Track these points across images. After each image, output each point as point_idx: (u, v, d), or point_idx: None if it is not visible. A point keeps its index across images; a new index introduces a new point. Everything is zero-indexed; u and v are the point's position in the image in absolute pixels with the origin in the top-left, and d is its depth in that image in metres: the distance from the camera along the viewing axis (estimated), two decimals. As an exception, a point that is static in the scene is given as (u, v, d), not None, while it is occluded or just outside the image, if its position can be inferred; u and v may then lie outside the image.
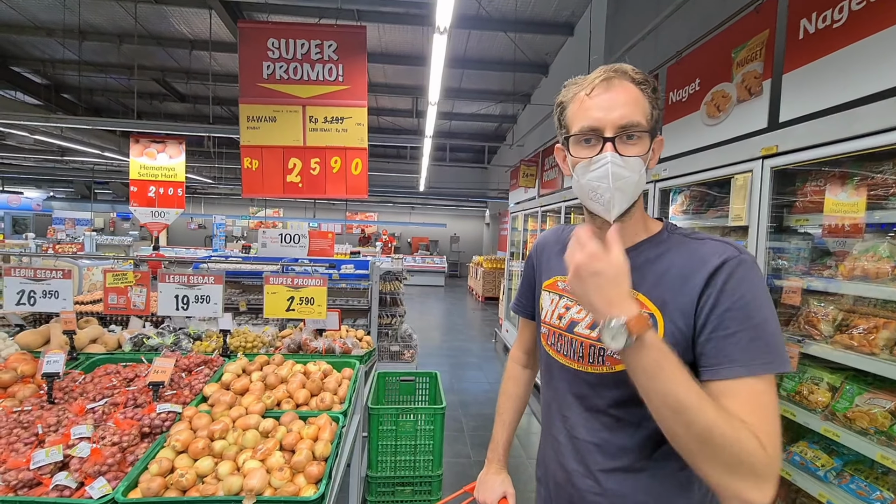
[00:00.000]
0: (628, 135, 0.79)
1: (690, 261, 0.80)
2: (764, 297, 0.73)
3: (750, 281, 0.74)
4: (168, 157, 5.42)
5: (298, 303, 2.28)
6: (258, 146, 3.20)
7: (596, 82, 0.81)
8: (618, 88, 0.80)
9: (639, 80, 0.82)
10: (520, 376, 1.24)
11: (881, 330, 1.57)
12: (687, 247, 0.83)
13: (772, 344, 0.71)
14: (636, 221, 0.88)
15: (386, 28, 6.14)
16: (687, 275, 0.79)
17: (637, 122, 0.79)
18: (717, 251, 0.78)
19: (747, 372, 0.69)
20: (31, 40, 6.83)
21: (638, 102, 0.80)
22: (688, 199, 2.57)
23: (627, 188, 0.79)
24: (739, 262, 0.75)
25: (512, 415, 1.21)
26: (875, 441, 1.50)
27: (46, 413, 1.64)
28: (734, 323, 0.72)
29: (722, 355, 0.72)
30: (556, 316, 0.98)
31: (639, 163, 0.80)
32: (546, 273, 1.06)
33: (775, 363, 0.70)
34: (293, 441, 1.54)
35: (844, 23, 1.57)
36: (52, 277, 2.21)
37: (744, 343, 0.71)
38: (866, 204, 1.59)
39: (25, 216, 14.41)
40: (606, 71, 0.82)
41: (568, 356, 0.94)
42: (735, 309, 0.73)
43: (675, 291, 0.79)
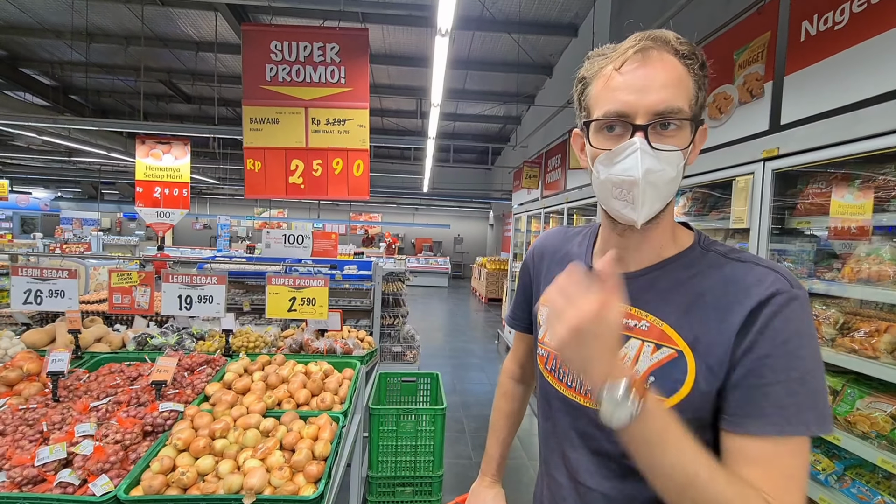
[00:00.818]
0: (664, 123, 0.64)
1: (731, 288, 0.66)
2: (812, 345, 0.61)
3: (798, 323, 0.61)
4: (173, 157, 5.47)
5: (300, 303, 2.29)
6: (261, 147, 3.23)
7: (629, 53, 0.64)
8: (656, 63, 0.64)
9: (684, 53, 0.65)
10: (513, 392, 1.12)
11: (883, 333, 1.56)
12: (726, 269, 0.68)
13: (812, 402, 0.59)
14: (664, 230, 0.72)
15: (390, 29, 6.17)
16: (725, 306, 0.65)
17: (677, 109, 0.63)
18: (764, 280, 0.64)
19: (778, 431, 0.59)
20: (39, 42, 6.92)
21: (681, 82, 0.64)
22: (690, 200, 2.56)
23: (660, 184, 0.65)
24: (790, 298, 0.62)
25: (507, 431, 1.11)
26: (876, 445, 1.49)
27: (51, 411, 1.67)
28: (772, 372, 0.60)
29: (751, 406, 0.61)
30: None
31: (676, 156, 0.65)
32: (545, 284, 0.89)
33: (813, 425, 0.58)
34: (293, 440, 1.56)
35: (846, 25, 1.57)
36: (58, 277, 2.23)
37: (779, 397, 0.59)
38: (869, 206, 1.58)
39: (34, 216, 14.56)
40: (643, 39, 0.65)
41: (573, 387, 0.79)
42: (776, 356, 0.60)
43: (709, 326, 0.65)
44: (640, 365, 0.70)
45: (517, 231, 6.83)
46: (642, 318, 0.71)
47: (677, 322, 0.68)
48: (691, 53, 0.65)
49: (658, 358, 0.68)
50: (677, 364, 0.67)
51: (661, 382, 0.67)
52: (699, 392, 0.65)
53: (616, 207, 0.68)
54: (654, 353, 0.69)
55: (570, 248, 0.89)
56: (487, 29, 5.77)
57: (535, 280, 0.95)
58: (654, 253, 0.73)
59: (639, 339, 0.71)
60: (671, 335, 0.68)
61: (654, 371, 0.68)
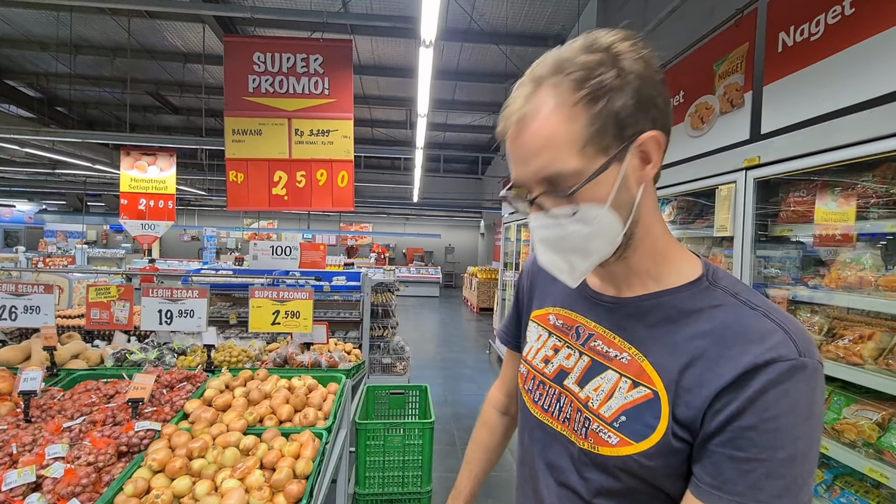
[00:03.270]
0: (556, 188, 0.58)
1: (728, 337, 0.57)
2: (809, 425, 0.53)
3: (796, 398, 0.53)
4: (159, 169, 5.41)
5: (284, 316, 2.26)
6: (243, 159, 3.20)
7: (511, 119, 0.59)
8: (531, 123, 0.57)
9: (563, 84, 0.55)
10: (496, 425, 1.02)
11: (867, 341, 1.57)
12: (730, 313, 0.59)
13: (791, 487, 0.52)
14: (643, 255, 0.65)
15: (378, 41, 6.20)
16: (717, 356, 0.57)
17: (558, 173, 0.56)
18: (767, 339, 0.55)
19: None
20: (24, 54, 6.85)
21: (558, 135, 0.55)
22: (675, 209, 2.58)
23: (577, 243, 0.60)
24: (794, 368, 0.53)
25: (481, 466, 1.01)
26: (863, 454, 1.49)
27: (22, 432, 1.60)
28: (753, 447, 0.53)
29: (722, 479, 0.54)
30: (542, 358, 0.77)
31: (586, 213, 0.58)
32: (538, 300, 0.84)
33: None
34: (274, 459, 1.51)
35: (821, 36, 1.60)
36: (33, 293, 2.17)
37: (755, 476, 0.53)
38: (850, 214, 1.60)
39: (17, 229, 14.32)
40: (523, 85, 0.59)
41: (550, 411, 0.72)
42: (761, 430, 0.53)
43: (694, 373, 0.58)
44: (613, 401, 0.64)
45: (507, 240, 6.83)
46: (624, 349, 0.65)
47: (659, 361, 0.61)
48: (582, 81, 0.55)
49: (633, 397, 0.62)
50: (651, 406, 0.60)
51: (631, 424, 0.62)
52: (669, 442, 0.58)
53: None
54: (630, 390, 0.63)
55: None
56: (475, 41, 5.83)
57: (527, 294, 0.89)
58: (647, 278, 0.66)
59: (617, 371, 0.65)
60: (650, 374, 0.61)
61: (626, 410, 0.62)
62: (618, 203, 0.59)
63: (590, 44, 0.57)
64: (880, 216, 1.51)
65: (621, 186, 0.58)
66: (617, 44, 0.56)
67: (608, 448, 0.63)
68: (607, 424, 0.63)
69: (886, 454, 1.41)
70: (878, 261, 1.58)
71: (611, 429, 0.63)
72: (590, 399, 0.66)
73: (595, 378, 0.67)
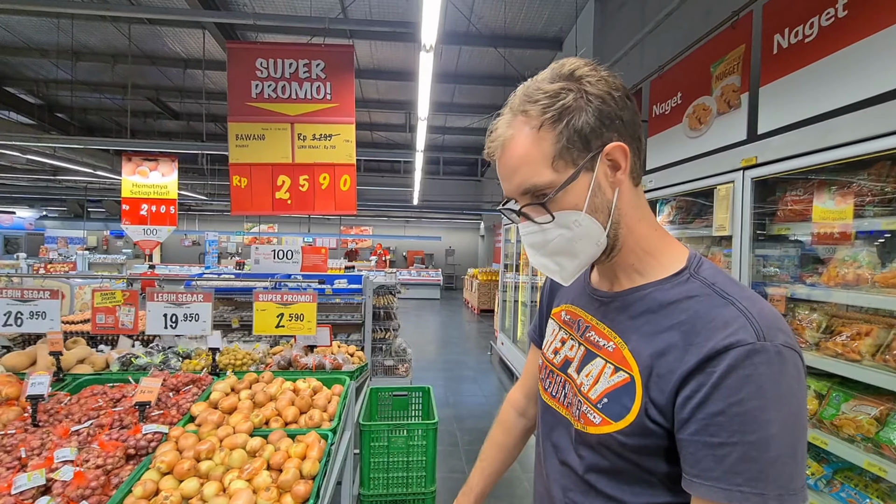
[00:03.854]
0: (536, 198, 0.66)
1: (698, 325, 0.61)
2: (780, 408, 0.55)
3: (760, 381, 0.55)
4: (160, 174, 5.44)
5: (288, 319, 2.27)
6: (247, 164, 3.23)
7: (495, 144, 0.69)
8: (510, 145, 0.67)
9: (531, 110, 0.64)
10: (512, 425, 1.05)
11: (864, 337, 1.59)
12: (703, 302, 0.63)
13: (768, 471, 0.54)
14: (627, 254, 0.71)
15: (378, 45, 6.24)
16: (687, 344, 0.61)
17: (534, 185, 0.65)
18: (730, 325, 0.58)
19: (726, 497, 0.55)
20: (24, 61, 6.88)
21: (531, 154, 0.65)
22: (674, 209, 2.60)
23: (561, 246, 0.68)
24: (751, 352, 0.55)
25: (495, 465, 1.04)
26: (862, 448, 1.50)
27: (30, 436, 1.62)
28: (723, 432, 0.55)
29: (701, 467, 0.57)
30: (553, 350, 0.85)
31: (565, 218, 0.66)
32: (557, 300, 0.92)
33: (769, 496, 0.53)
34: (281, 460, 1.53)
35: (815, 38, 1.62)
36: (39, 298, 2.19)
37: (730, 461, 0.55)
38: (847, 212, 1.62)
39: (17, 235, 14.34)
40: (503, 115, 0.69)
41: (556, 397, 0.80)
42: (729, 415, 0.55)
43: (666, 360, 0.62)
44: (599, 385, 0.70)
45: (507, 242, 6.85)
46: (611, 338, 0.72)
47: (636, 348, 0.67)
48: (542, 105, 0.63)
49: (614, 380, 0.68)
50: (627, 389, 0.66)
51: (611, 406, 0.68)
52: (643, 422, 0.63)
53: None
54: (612, 375, 0.69)
55: None
56: (474, 44, 5.86)
57: (547, 297, 0.98)
58: (633, 273, 0.72)
59: (604, 359, 0.72)
60: (629, 360, 0.67)
61: (609, 393, 0.68)
62: (594, 207, 0.66)
63: (556, 72, 0.66)
64: (876, 214, 1.53)
65: (595, 192, 0.66)
66: (579, 69, 0.65)
67: (594, 427, 0.69)
68: (593, 406, 0.70)
69: (885, 448, 1.42)
70: (875, 258, 1.60)
71: (595, 410, 0.70)
72: (583, 384, 0.74)
73: (587, 365, 0.74)
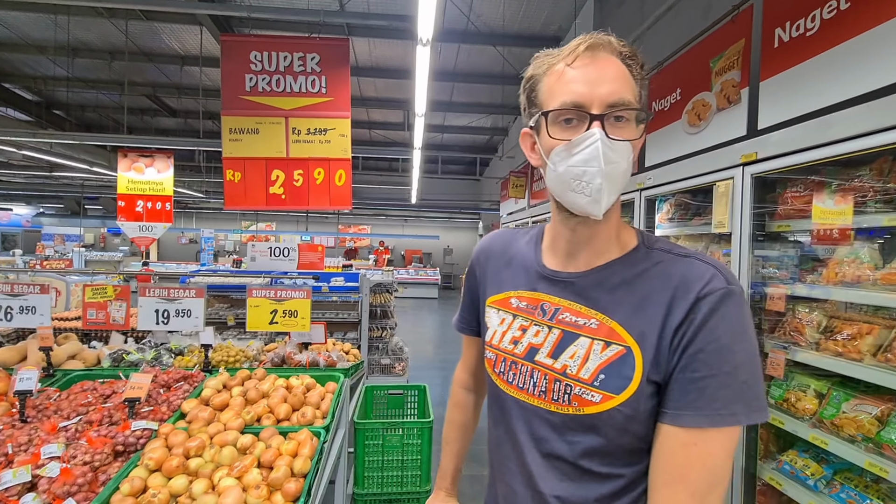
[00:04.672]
0: (617, 115, 0.67)
1: (672, 284, 0.69)
2: (743, 340, 0.65)
3: (731, 319, 0.65)
4: (156, 171, 5.41)
5: (282, 315, 2.25)
6: (241, 158, 3.20)
7: (580, 49, 0.68)
8: (604, 60, 0.68)
9: (626, 55, 0.70)
10: (465, 402, 1.12)
11: (865, 336, 1.57)
12: (670, 266, 0.71)
13: (742, 393, 0.63)
14: (611, 228, 0.75)
15: (376, 42, 6.21)
16: (668, 301, 0.68)
17: (628, 101, 0.67)
18: (702, 276, 0.67)
19: (709, 422, 0.63)
20: (22, 58, 6.85)
21: (627, 79, 0.68)
22: (673, 206, 2.58)
23: (617, 177, 0.67)
24: (725, 294, 0.65)
25: (460, 443, 1.11)
26: (862, 448, 1.48)
27: (17, 432, 1.59)
28: (704, 367, 0.64)
29: (686, 400, 0.65)
30: (510, 340, 0.82)
31: (628, 149, 0.68)
32: (494, 286, 0.90)
33: (742, 415, 0.63)
34: (272, 457, 1.50)
35: (817, 31, 1.60)
36: (29, 293, 2.16)
37: (710, 391, 0.63)
38: (847, 210, 1.60)
39: (14, 232, 14.28)
40: (588, 38, 0.69)
41: (525, 388, 0.78)
42: (707, 351, 0.64)
43: (655, 322, 0.68)
44: (590, 363, 0.71)
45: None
46: (592, 316, 0.73)
47: (626, 320, 0.70)
48: (633, 55, 0.70)
49: (608, 355, 0.70)
50: (626, 360, 0.69)
51: (610, 380, 0.69)
52: (646, 387, 0.68)
53: (574, 200, 0.69)
54: (603, 350, 0.71)
55: (518, 248, 0.90)
56: (472, 42, 5.84)
57: (480, 282, 0.95)
58: (602, 250, 0.75)
59: (588, 337, 0.73)
60: (620, 332, 0.70)
61: (604, 369, 0.70)
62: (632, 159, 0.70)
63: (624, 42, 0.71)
64: (877, 211, 1.51)
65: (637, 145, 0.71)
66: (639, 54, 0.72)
67: (593, 406, 0.70)
68: (589, 385, 0.71)
69: (886, 448, 1.40)
70: (876, 256, 1.57)
71: (592, 388, 0.70)
72: (567, 367, 0.73)
73: (569, 347, 0.74)
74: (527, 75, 0.76)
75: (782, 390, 1.82)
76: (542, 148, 0.73)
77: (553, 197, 0.76)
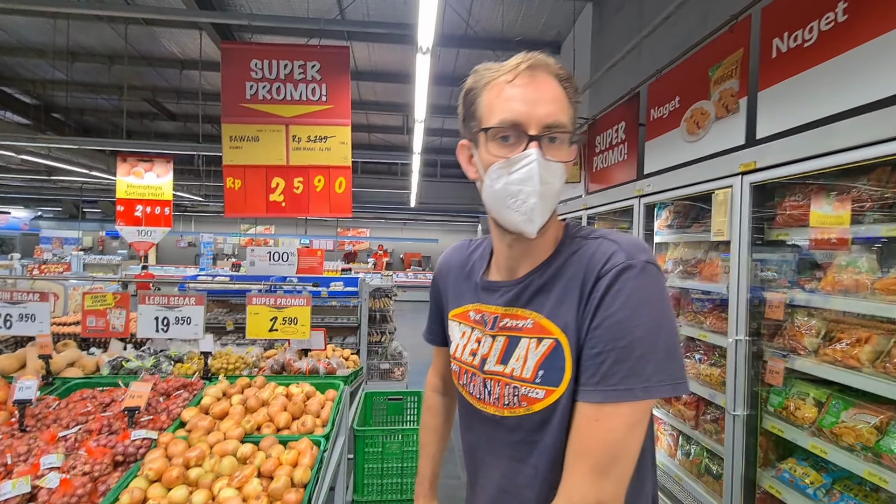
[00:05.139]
0: (552, 137, 0.69)
1: (583, 268, 0.71)
2: (641, 314, 0.64)
3: (629, 293, 0.65)
4: (155, 175, 5.40)
5: (282, 322, 2.25)
6: (241, 166, 3.20)
7: (521, 68, 0.69)
8: (543, 81, 0.70)
9: (563, 77, 0.71)
10: (439, 407, 1.12)
11: (864, 344, 1.57)
12: (583, 251, 0.73)
13: (636, 368, 0.63)
14: (548, 239, 0.77)
15: (375, 47, 6.23)
16: (580, 286, 0.70)
17: (563, 123, 0.69)
18: (604, 255, 0.69)
19: (602, 398, 0.64)
20: (21, 61, 6.84)
21: (563, 101, 0.71)
22: (672, 213, 2.58)
23: (550, 197, 0.70)
24: (622, 269, 0.66)
25: (436, 447, 1.11)
26: (861, 457, 1.49)
27: (16, 442, 1.59)
28: (600, 343, 0.65)
29: (585, 377, 0.67)
30: (469, 352, 0.85)
31: (562, 170, 0.70)
32: (454, 300, 0.92)
33: (636, 389, 0.62)
34: (272, 467, 1.50)
35: (815, 42, 1.61)
36: (29, 300, 2.16)
37: (606, 367, 0.64)
38: (846, 218, 1.60)
39: (12, 236, 14.23)
40: (529, 58, 0.70)
41: (482, 399, 0.81)
42: (603, 327, 0.65)
43: (572, 308, 0.70)
44: (529, 362, 0.73)
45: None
46: (527, 316, 0.76)
47: (551, 312, 0.72)
48: (568, 77, 0.72)
49: (542, 351, 0.72)
50: (557, 353, 0.71)
51: (548, 374, 0.71)
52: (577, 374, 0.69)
53: (509, 218, 0.71)
54: (537, 347, 0.73)
55: (474, 260, 0.92)
56: (472, 46, 5.85)
57: (443, 295, 0.97)
58: (540, 257, 0.77)
59: (528, 337, 0.75)
60: (548, 326, 0.72)
61: (542, 364, 0.72)
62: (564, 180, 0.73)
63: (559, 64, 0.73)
64: (876, 220, 1.52)
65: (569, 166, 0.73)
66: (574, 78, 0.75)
67: (539, 403, 0.72)
68: (531, 383, 0.73)
69: (885, 458, 1.41)
70: (875, 264, 1.58)
71: (535, 386, 0.72)
72: (514, 370, 0.76)
73: (515, 350, 0.76)
74: (466, 87, 0.76)
75: (781, 398, 1.83)
76: (479, 162, 0.74)
77: (489, 213, 0.78)
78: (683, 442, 2.47)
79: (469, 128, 0.76)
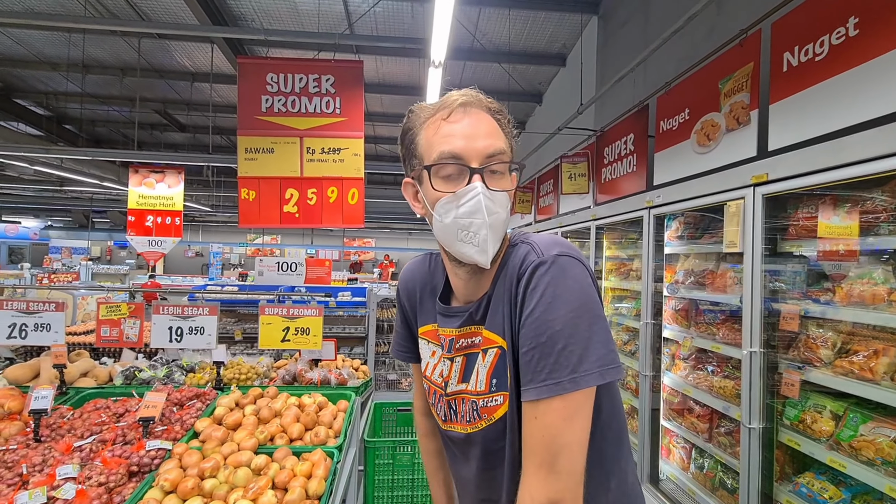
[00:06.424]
0: (492, 169, 0.71)
1: (509, 274, 0.73)
2: (557, 307, 0.65)
3: (542, 289, 0.66)
4: (167, 186, 5.47)
5: (294, 333, 2.25)
6: (255, 177, 3.25)
7: (455, 105, 0.72)
8: (477, 116, 0.73)
9: (494, 110, 0.75)
10: (431, 428, 1.06)
11: (881, 356, 1.56)
12: (510, 259, 0.75)
13: (560, 360, 0.64)
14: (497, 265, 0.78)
15: (383, 60, 6.31)
16: (509, 291, 0.73)
17: (503, 151, 0.71)
18: (520, 257, 0.71)
19: (536, 395, 0.65)
20: (35, 74, 6.97)
21: (499, 132, 0.73)
22: (682, 224, 2.58)
23: (499, 226, 0.71)
24: (535, 267, 0.68)
25: (444, 471, 1.06)
26: (882, 472, 1.47)
27: (32, 452, 1.60)
28: (526, 342, 0.67)
29: (523, 376, 0.68)
30: (439, 373, 0.85)
31: (506, 199, 0.72)
32: (421, 317, 0.92)
33: (564, 381, 0.63)
34: (286, 479, 1.50)
35: (826, 56, 1.63)
36: (44, 310, 2.18)
37: (533, 364, 0.66)
38: (855, 229, 1.60)
39: (22, 245, 14.38)
40: (461, 95, 0.74)
41: (448, 420, 0.84)
42: (526, 326, 0.67)
43: (508, 314, 0.72)
44: (482, 374, 0.76)
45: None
46: (478, 333, 0.78)
47: (492, 323, 0.75)
48: (500, 110, 0.75)
49: (490, 361, 0.75)
50: (503, 360, 0.73)
51: (500, 381, 0.74)
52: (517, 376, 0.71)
53: (462, 250, 0.72)
54: (485, 358, 0.76)
55: (437, 280, 0.91)
56: (478, 59, 5.92)
57: (411, 312, 0.96)
58: (488, 279, 0.79)
59: (478, 352, 0.78)
60: (491, 337, 0.75)
61: (493, 373, 0.74)
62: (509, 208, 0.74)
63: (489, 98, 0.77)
64: (891, 232, 1.51)
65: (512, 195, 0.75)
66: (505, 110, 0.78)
67: (498, 410, 0.74)
68: (487, 394, 0.75)
69: (907, 473, 1.38)
70: (890, 276, 1.57)
71: (491, 395, 0.75)
72: (474, 385, 0.78)
73: (474, 367, 0.78)
74: (404, 127, 0.79)
75: (798, 411, 1.81)
76: (426, 199, 0.76)
77: (442, 247, 0.79)
78: (697, 455, 2.44)
79: (412, 166, 0.78)
